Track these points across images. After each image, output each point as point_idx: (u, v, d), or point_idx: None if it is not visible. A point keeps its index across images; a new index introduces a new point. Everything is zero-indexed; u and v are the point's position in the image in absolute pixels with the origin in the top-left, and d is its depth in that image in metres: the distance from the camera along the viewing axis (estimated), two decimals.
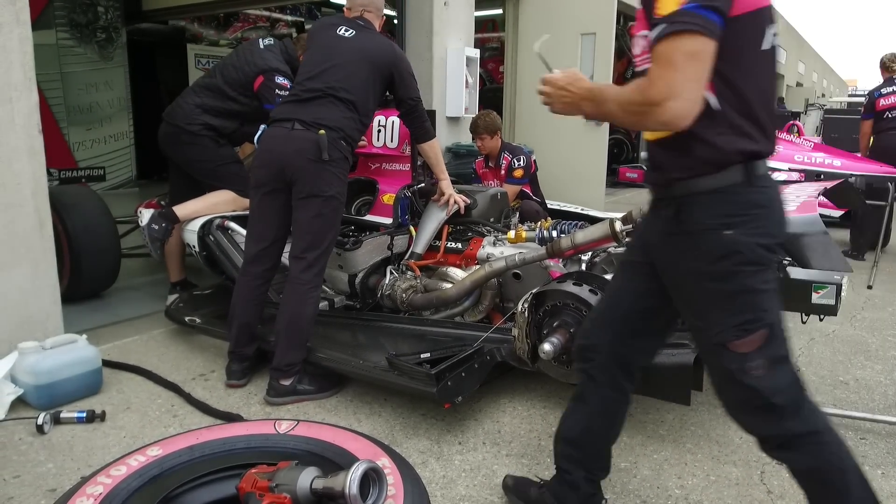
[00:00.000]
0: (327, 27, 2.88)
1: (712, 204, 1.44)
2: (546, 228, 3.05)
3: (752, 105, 1.42)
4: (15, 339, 2.74)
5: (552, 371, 2.33)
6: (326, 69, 2.71)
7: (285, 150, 2.61)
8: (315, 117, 2.62)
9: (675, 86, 1.29)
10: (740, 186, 1.43)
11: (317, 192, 2.61)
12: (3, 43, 2.70)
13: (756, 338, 1.47)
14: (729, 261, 1.43)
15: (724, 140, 1.41)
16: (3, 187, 2.75)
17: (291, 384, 2.65)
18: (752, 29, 1.39)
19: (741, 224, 1.42)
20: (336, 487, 1.24)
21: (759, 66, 1.43)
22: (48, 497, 2.02)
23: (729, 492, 2.10)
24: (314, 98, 2.67)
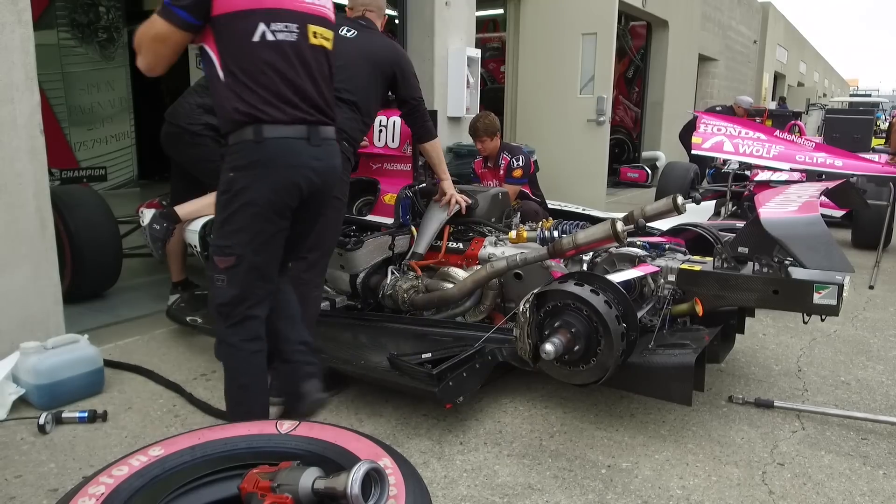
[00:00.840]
0: None
1: (230, 153, 1.98)
2: (547, 228, 3.05)
3: (258, 80, 1.92)
4: (16, 338, 2.74)
5: (554, 371, 2.33)
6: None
7: None
8: None
9: (140, 46, 1.94)
10: (250, 143, 1.94)
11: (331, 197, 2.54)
12: (5, 43, 2.70)
13: (226, 260, 1.99)
14: (225, 195, 1.97)
15: (230, 106, 1.94)
16: (5, 188, 2.75)
17: None
18: (240, 25, 1.89)
19: (242, 169, 1.95)
20: (338, 487, 1.24)
21: (259, 53, 1.92)
22: (50, 497, 2.02)
23: (730, 492, 2.09)
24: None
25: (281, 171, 1.98)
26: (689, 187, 6.93)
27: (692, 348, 2.33)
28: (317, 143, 2.06)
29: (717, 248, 2.57)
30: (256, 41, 1.91)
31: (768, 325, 3.69)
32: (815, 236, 2.10)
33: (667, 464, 2.25)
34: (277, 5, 1.95)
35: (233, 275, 1.99)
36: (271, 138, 1.95)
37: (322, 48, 2.10)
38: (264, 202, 1.97)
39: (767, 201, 2.40)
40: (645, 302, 2.64)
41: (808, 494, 2.09)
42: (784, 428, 2.52)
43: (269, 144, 1.95)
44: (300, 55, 2.01)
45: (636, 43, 11.28)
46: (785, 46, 21.45)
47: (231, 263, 1.99)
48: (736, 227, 3.42)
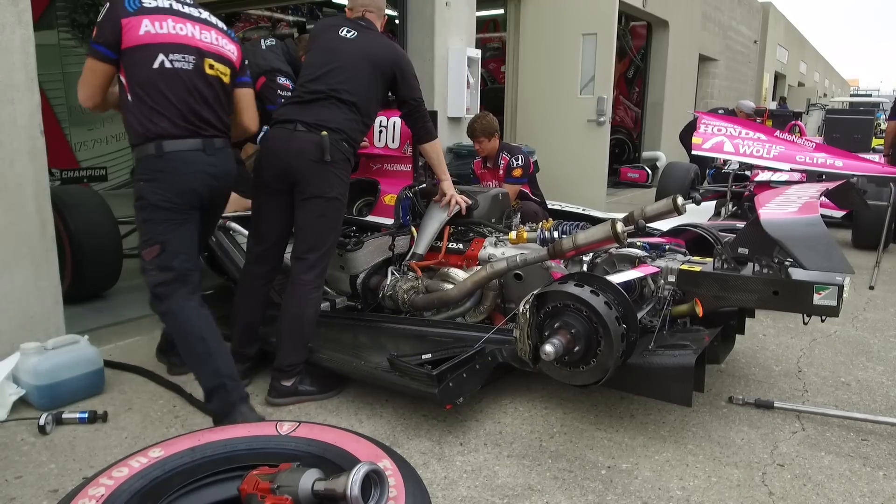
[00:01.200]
0: (329, 28, 2.87)
1: (139, 165, 2.35)
2: (547, 229, 3.05)
3: (157, 101, 2.30)
4: (17, 339, 2.75)
5: (554, 372, 2.33)
6: (328, 71, 2.71)
7: (288, 151, 2.62)
8: (317, 119, 2.63)
9: (80, 85, 2.36)
10: (152, 157, 2.32)
11: (319, 194, 2.62)
12: (6, 44, 2.70)
13: (152, 250, 2.35)
14: (140, 202, 2.34)
15: (136, 124, 2.32)
16: (5, 188, 2.75)
17: (293, 385, 2.65)
18: (140, 56, 2.28)
19: (149, 180, 2.32)
20: (338, 489, 1.24)
21: (158, 79, 2.29)
22: (50, 497, 2.02)
23: (730, 493, 2.09)
24: (316, 100, 2.68)
25: (181, 178, 2.35)
26: (690, 188, 6.93)
27: (692, 349, 2.33)
28: (212, 153, 2.42)
29: (717, 248, 2.57)
30: (156, 68, 2.29)
31: (768, 326, 3.69)
32: (815, 237, 2.10)
33: (667, 465, 2.25)
34: (175, 40, 2.33)
35: (161, 260, 2.35)
36: (171, 151, 2.33)
37: (217, 78, 2.45)
38: (170, 205, 2.34)
39: (768, 202, 2.40)
40: (645, 303, 2.64)
41: (808, 495, 2.09)
42: (784, 429, 2.52)
43: (169, 157, 2.33)
44: (194, 81, 2.36)
45: (636, 43, 11.28)
46: (785, 46, 21.45)
47: (157, 252, 2.35)
48: (736, 227, 3.42)
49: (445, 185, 3.22)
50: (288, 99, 2.87)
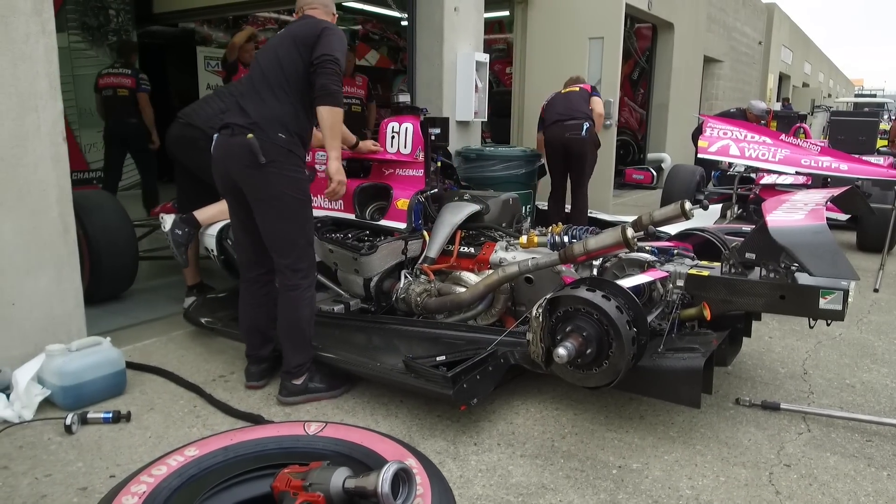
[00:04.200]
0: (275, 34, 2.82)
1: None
2: (557, 234, 3.11)
3: None
4: (40, 341, 2.82)
5: (566, 374, 2.39)
6: (255, 65, 2.70)
7: (225, 158, 2.61)
8: (248, 119, 2.55)
9: None
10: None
11: (264, 196, 2.57)
12: (30, 53, 2.77)
13: None
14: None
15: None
16: (29, 193, 2.82)
17: (303, 383, 2.72)
18: None
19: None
20: (368, 487, 1.31)
21: None
22: (80, 495, 2.09)
23: (738, 492, 2.15)
24: (244, 96, 2.64)
25: None
26: (695, 190, 6.97)
27: (701, 352, 2.39)
28: None
29: (724, 253, 2.62)
30: None
31: (774, 329, 3.75)
32: (821, 244, 2.15)
33: (676, 465, 2.31)
34: None
35: None
36: None
37: None
38: None
39: (775, 209, 2.46)
40: (654, 306, 2.70)
41: (814, 495, 2.15)
42: (790, 430, 2.57)
43: None
44: None
45: (641, 45, 11.32)
46: (790, 47, 21.44)
47: None
48: (742, 231, 3.48)
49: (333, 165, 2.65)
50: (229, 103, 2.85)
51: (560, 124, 5.35)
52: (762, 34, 17.72)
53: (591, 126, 5.31)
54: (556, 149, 5.39)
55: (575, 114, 5.31)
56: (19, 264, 2.80)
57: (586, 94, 5.45)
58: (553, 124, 5.41)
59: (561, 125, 5.34)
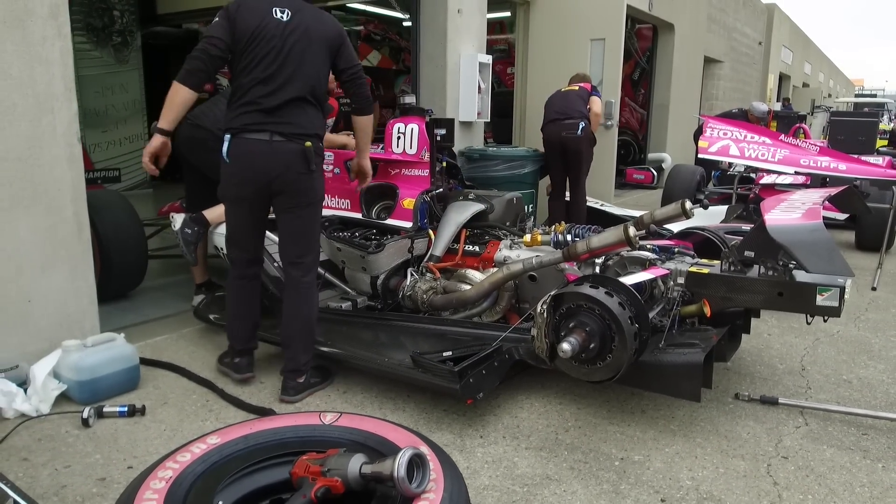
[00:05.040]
0: (258, 10, 2.61)
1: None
2: (560, 232, 3.18)
3: None
4: (55, 337, 2.89)
5: (570, 369, 2.46)
6: (287, 71, 2.61)
7: (271, 164, 2.60)
8: (294, 127, 2.62)
9: None
10: None
11: (309, 202, 2.72)
12: (46, 55, 2.84)
13: None
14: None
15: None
16: (45, 193, 2.89)
17: (305, 380, 2.80)
18: None
19: None
20: (384, 472, 1.37)
21: None
22: (99, 485, 2.16)
23: (737, 483, 2.22)
24: (285, 104, 2.61)
25: None
26: (696, 190, 7.04)
27: (701, 347, 2.46)
28: None
29: (724, 251, 2.69)
30: None
31: (773, 326, 3.81)
32: (817, 242, 2.22)
33: (677, 457, 2.38)
34: None
35: None
36: None
37: None
38: None
39: (773, 208, 2.52)
40: (655, 303, 2.77)
41: (811, 486, 2.22)
42: (788, 423, 2.64)
43: None
44: None
45: (642, 45, 11.39)
46: (790, 47, 21.50)
47: None
48: (742, 229, 3.54)
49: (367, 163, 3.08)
50: (244, 104, 2.63)
51: (557, 123, 5.48)
52: (762, 34, 17.79)
53: (587, 125, 5.44)
54: (554, 147, 5.51)
55: (571, 113, 5.44)
56: (35, 262, 2.87)
57: (585, 94, 5.56)
58: (550, 123, 5.54)
59: (558, 124, 5.47)
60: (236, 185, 2.69)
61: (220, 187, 2.75)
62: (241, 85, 2.63)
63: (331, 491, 1.42)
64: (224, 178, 2.72)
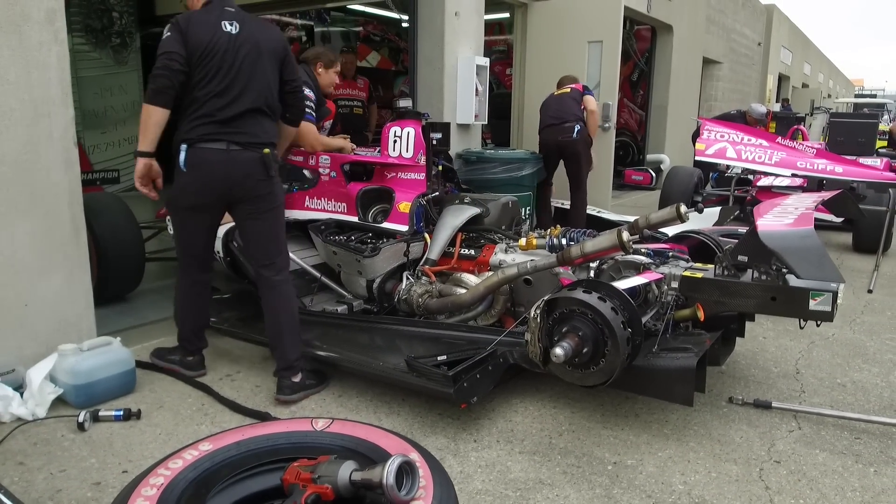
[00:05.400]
0: (207, 24, 2.68)
1: None
2: (556, 236, 3.19)
3: None
4: (52, 341, 2.90)
5: (563, 374, 2.47)
6: (241, 83, 2.68)
7: (230, 173, 2.69)
8: (249, 137, 2.70)
9: None
10: None
11: (270, 207, 2.81)
12: (43, 60, 2.85)
13: None
14: None
15: None
16: (42, 197, 2.90)
17: (300, 381, 2.83)
18: None
19: None
20: (374, 479, 1.38)
21: None
22: (94, 489, 2.17)
23: (729, 488, 2.23)
24: (240, 116, 2.68)
25: None
26: (693, 191, 7.05)
27: (694, 352, 2.47)
28: None
29: (717, 256, 2.70)
30: None
31: (768, 329, 3.82)
32: (808, 248, 2.23)
33: (669, 461, 2.39)
34: None
35: None
36: None
37: None
38: None
39: (765, 213, 2.53)
40: (649, 307, 2.78)
41: (803, 490, 2.23)
42: (781, 427, 2.65)
43: None
44: None
45: (641, 46, 11.40)
46: (789, 48, 21.51)
47: None
48: (738, 232, 3.55)
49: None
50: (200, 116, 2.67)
51: (553, 128, 5.54)
52: (761, 35, 17.80)
53: (583, 127, 5.51)
54: (552, 151, 5.55)
55: (567, 117, 5.50)
56: (32, 266, 2.88)
57: (578, 95, 5.62)
58: (547, 128, 5.60)
59: (554, 129, 5.53)
60: (195, 194, 2.75)
61: (174, 197, 2.81)
62: (196, 98, 2.67)
63: (321, 498, 1.43)
64: (179, 187, 2.77)
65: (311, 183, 3.87)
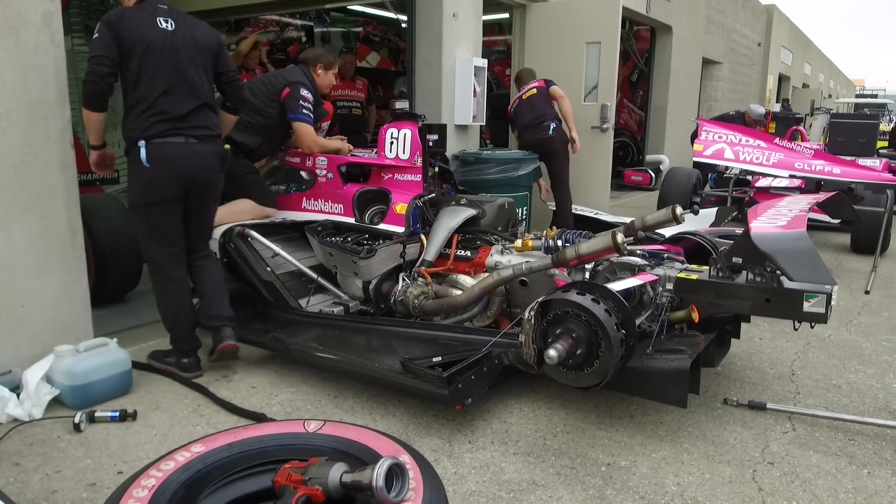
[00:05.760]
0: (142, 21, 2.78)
1: None
2: (551, 238, 3.19)
3: None
4: (48, 342, 2.91)
5: (557, 375, 2.47)
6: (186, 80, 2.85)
7: (190, 165, 2.88)
8: (203, 131, 2.91)
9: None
10: None
11: (216, 197, 3.16)
12: (40, 63, 2.86)
13: None
14: None
15: None
16: (39, 199, 2.91)
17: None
18: None
19: None
20: (364, 481, 1.39)
21: None
22: (89, 490, 2.18)
23: (722, 489, 2.24)
24: (191, 112, 2.86)
25: None
26: (692, 192, 7.05)
27: (688, 353, 2.47)
28: None
29: (712, 257, 2.70)
30: None
31: (765, 330, 3.83)
32: (800, 251, 2.24)
33: (663, 462, 2.40)
34: None
35: None
36: None
37: None
38: None
39: (759, 216, 2.54)
40: (644, 309, 2.79)
41: (796, 491, 2.23)
42: (776, 429, 2.66)
43: None
44: None
45: (640, 46, 11.40)
46: (789, 48, 21.50)
47: None
48: (735, 233, 3.56)
49: None
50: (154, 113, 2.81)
51: (532, 129, 5.74)
52: (761, 35, 17.79)
53: (558, 125, 5.69)
54: (532, 151, 5.69)
55: (542, 118, 5.71)
56: (29, 267, 2.89)
57: (545, 92, 5.80)
58: (526, 129, 5.78)
59: (532, 129, 5.73)
60: (162, 188, 2.86)
61: (138, 193, 2.90)
62: (144, 96, 2.80)
63: (312, 499, 1.44)
64: (143, 183, 2.86)
65: (308, 184, 3.88)
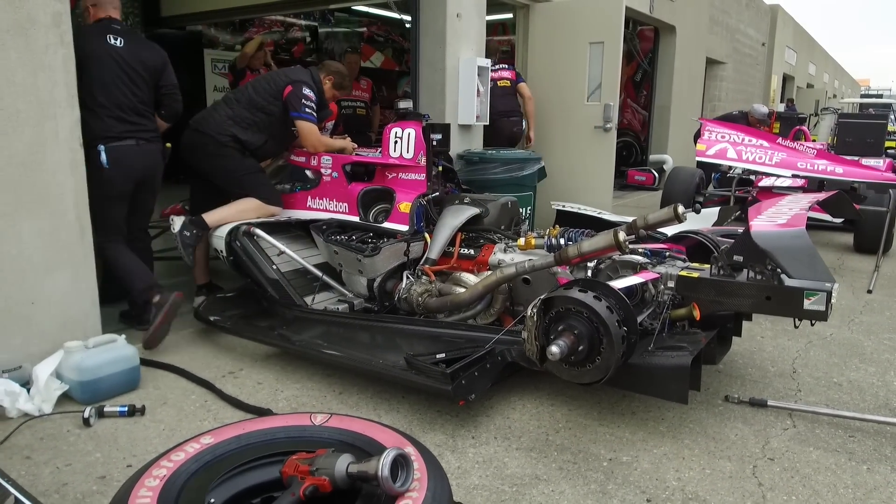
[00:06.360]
0: (96, 37, 3.31)
1: None
2: (554, 236, 3.22)
3: None
4: (58, 338, 2.94)
5: (559, 371, 2.50)
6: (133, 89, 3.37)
7: (144, 163, 3.44)
8: (148, 133, 3.45)
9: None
10: None
11: (158, 187, 3.66)
12: (49, 63, 2.90)
13: None
14: None
15: None
16: (48, 198, 2.95)
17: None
18: None
19: None
20: (370, 471, 1.43)
21: None
22: (99, 483, 2.22)
23: (723, 484, 2.26)
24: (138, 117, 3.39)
25: None
26: (695, 192, 7.07)
27: (689, 350, 2.50)
28: None
29: (713, 256, 2.73)
30: None
31: (766, 329, 3.85)
32: (800, 249, 2.26)
33: (664, 458, 2.43)
34: None
35: None
36: None
37: None
38: None
39: (759, 214, 2.56)
40: (646, 306, 2.81)
41: (795, 487, 2.26)
42: (776, 426, 2.68)
43: None
44: None
45: (644, 46, 11.41)
46: (794, 48, 21.47)
47: None
48: (737, 232, 3.58)
49: None
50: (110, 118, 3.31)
51: (506, 120, 6.05)
52: (766, 35, 17.78)
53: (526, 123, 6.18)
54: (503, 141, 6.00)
55: (514, 112, 6.13)
56: (38, 265, 2.93)
57: (514, 87, 6.16)
58: (500, 119, 6.02)
59: (506, 121, 6.05)
60: (121, 185, 3.38)
61: (101, 190, 3.22)
62: (101, 104, 3.27)
63: (318, 489, 1.48)
64: (104, 181, 3.27)
65: (313, 183, 3.92)
